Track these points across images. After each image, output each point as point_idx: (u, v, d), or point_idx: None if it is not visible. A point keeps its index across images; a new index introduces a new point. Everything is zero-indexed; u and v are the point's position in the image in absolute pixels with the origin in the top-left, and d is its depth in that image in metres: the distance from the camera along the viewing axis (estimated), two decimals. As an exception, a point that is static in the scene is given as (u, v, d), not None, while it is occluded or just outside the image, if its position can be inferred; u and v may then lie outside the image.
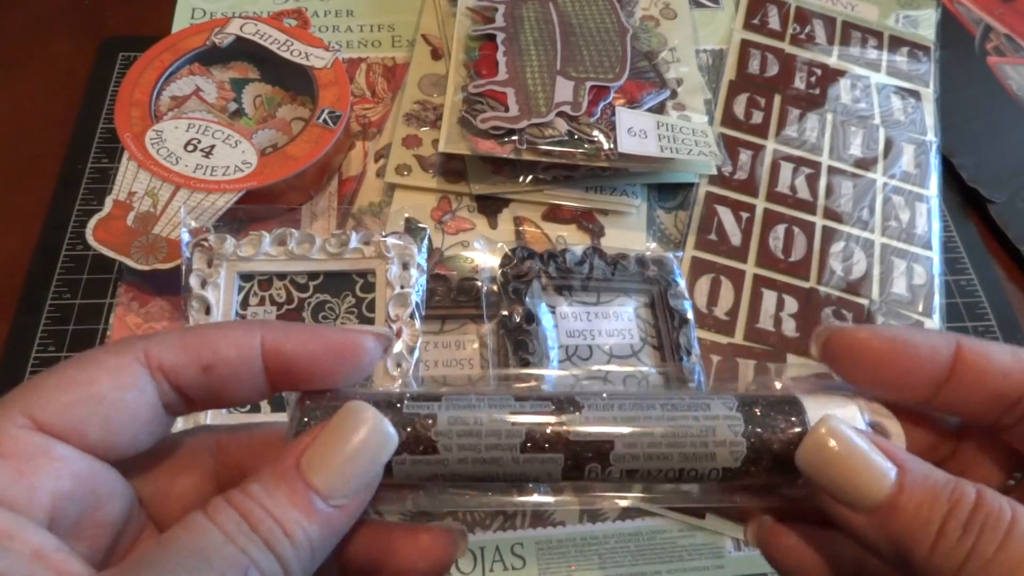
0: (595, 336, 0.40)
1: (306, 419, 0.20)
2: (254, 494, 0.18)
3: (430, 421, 0.20)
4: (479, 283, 0.39)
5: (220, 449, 0.22)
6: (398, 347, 0.35)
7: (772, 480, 0.21)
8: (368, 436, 0.19)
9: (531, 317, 0.38)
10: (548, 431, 0.20)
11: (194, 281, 0.36)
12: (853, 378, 0.22)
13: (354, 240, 0.38)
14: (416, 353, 0.36)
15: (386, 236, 0.38)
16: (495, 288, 0.39)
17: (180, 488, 0.21)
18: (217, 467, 0.22)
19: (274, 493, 0.18)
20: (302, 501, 0.18)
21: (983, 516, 0.18)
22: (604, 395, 0.21)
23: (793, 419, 0.21)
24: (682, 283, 0.41)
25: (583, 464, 0.21)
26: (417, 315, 0.36)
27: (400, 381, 0.35)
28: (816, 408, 0.21)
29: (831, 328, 0.22)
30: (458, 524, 0.22)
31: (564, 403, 0.21)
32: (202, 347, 0.20)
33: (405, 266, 0.37)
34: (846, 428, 0.20)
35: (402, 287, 0.37)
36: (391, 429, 0.20)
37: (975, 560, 0.18)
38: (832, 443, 0.20)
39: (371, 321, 0.37)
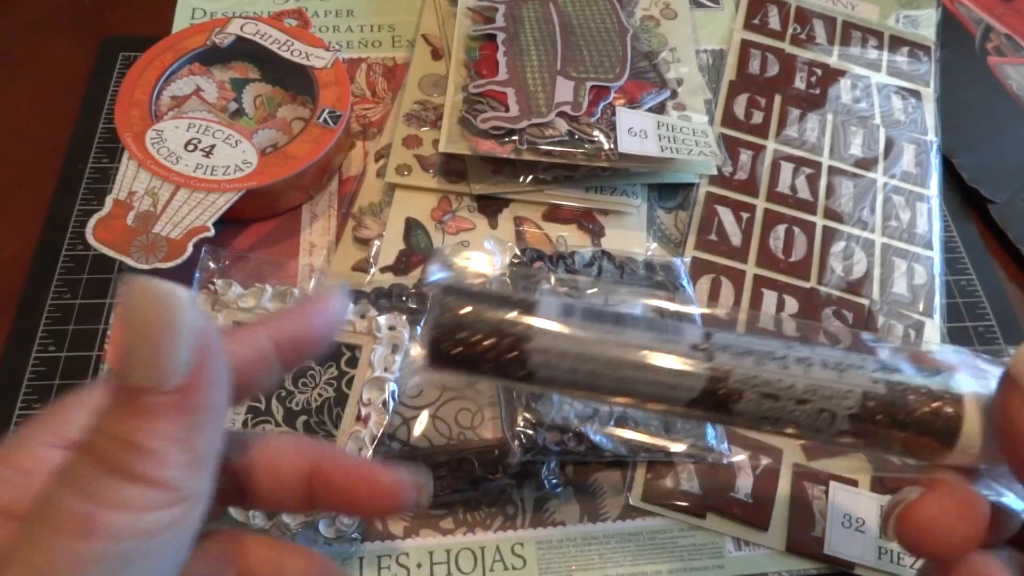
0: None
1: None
2: (97, 430, 0.17)
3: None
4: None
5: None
6: (362, 433, 0.34)
7: (904, 442, 0.21)
8: (146, 306, 0.17)
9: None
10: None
11: None
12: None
13: (350, 311, 0.37)
14: (373, 445, 0.35)
15: (382, 315, 0.36)
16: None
17: None
18: None
19: (111, 411, 0.17)
20: (135, 404, 0.17)
21: None
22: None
23: (941, 384, 0.21)
24: (689, 288, 0.41)
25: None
26: (391, 403, 0.35)
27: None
28: (968, 380, 0.21)
29: (898, 503, 0.21)
30: (423, 475, 0.22)
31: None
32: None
33: (394, 349, 0.36)
34: None
35: (385, 369, 0.36)
36: (171, 285, 0.17)
37: None
38: None
39: (344, 398, 0.35)
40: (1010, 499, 0.21)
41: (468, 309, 0.21)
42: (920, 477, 0.21)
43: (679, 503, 0.37)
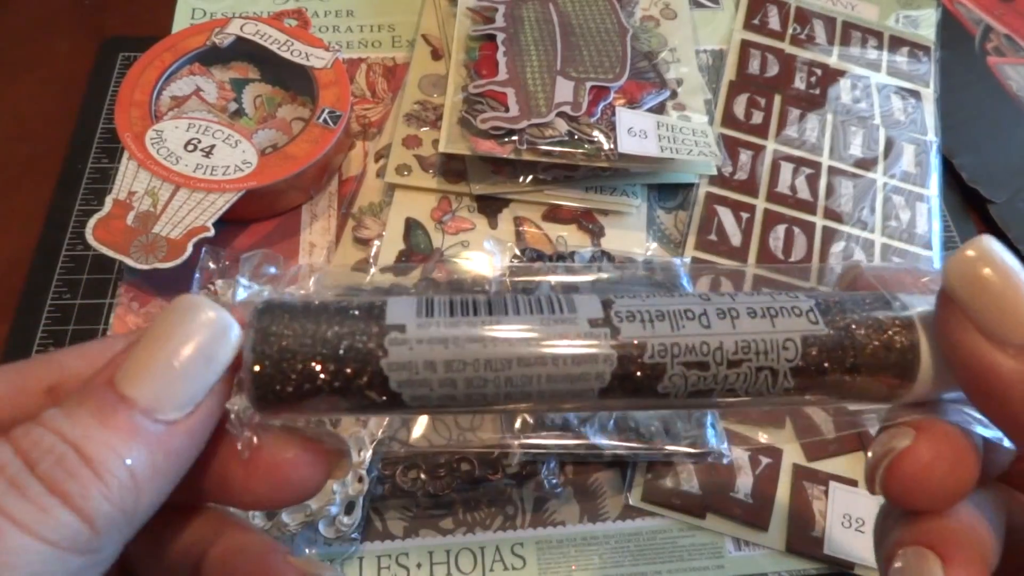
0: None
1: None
2: (48, 420, 0.14)
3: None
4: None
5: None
6: (362, 433, 0.33)
7: (859, 386, 0.18)
8: (199, 333, 0.15)
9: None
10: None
11: None
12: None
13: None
14: (373, 445, 0.33)
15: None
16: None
17: None
18: None
19: (75, 414, 0.14)
20: (114, 418, 0.14)
21: None
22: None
23: (888, 311, 0.18)
24: (689, 288, 0.41)
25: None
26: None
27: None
28: (915, 302, 0.18)
29: (886, 453, 0.18)
30: (341, 439, 0.18)
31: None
32: (42, 365, 0.16)
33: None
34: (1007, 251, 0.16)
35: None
36: (231, 323, 0.16)
37: None
38: (998, 256, 0.16)
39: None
40: (993, 431, 0.18)
41: (293, 331, 0.16)
42: (901, 421, 0.18)
43: (679, 503, 0.37)
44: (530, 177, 0.44)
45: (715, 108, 0.50)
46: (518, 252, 0.40)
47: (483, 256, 0.42)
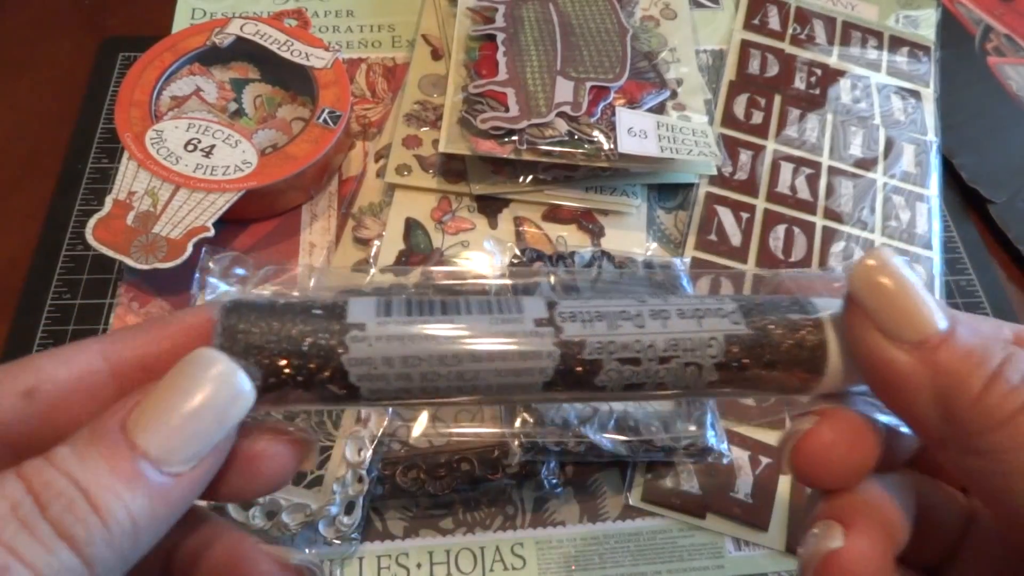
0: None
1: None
2: (58, 460, 0.14)
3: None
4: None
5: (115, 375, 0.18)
6: (362, 433, 0.34)
7: (776, 380, 0.20)
8: (214, 392, 0.16)
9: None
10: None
11: None
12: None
13: None
14: (373, 445, 0.34)
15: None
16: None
17: None
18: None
19: (86, 456, 0.15)
20: (124, 466, 0.15)
21: None
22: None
23: (801, 313, 0.20)
24: (689, 289, 0.41)
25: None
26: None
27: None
28: (825, 304, 0.20)
29: (792, 435, 0.20)
30: (307, 430, 0.19)
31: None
32: (20, 368, 0.17)
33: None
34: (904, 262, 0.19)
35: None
36: (246, 383, 0.17)
37: None
38: (893, 264, 0.18)
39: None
40: (890, 417, 0.20)
41: (260, 328, 0.18)
42: (809, 409, 0.20)
43: (679, 503, 0.37)
44: (530, 177, 0.44)
45: (715, 108, 0.50)
46: (518, 252, 0.40)
47: (483, 256, 0.42)
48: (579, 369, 0.19)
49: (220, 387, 0.16)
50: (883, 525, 0.19)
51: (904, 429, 0.20)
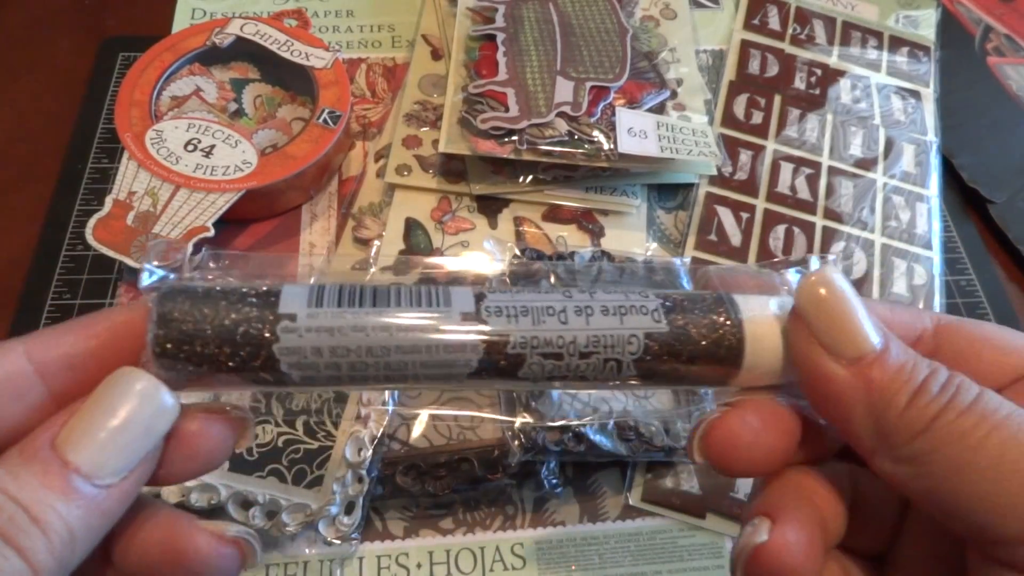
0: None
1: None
2: None
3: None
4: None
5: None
6: (362, 433, 0.34)
7: (695, 374, 0.21)
8: (138, 407, 0.17)
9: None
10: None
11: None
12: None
13: None
14: (373, 445, 0.34)
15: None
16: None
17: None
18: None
19: (20, 475, 0.16)
20: (57, 481, 0.16)
21: (958, 380, 0.18)
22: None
23: (722, 311, 0.20)
24: (689, 289, 0.41)
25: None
26: (391, 403, 0.35)
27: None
28: (747, 302, 0.21)
29: (701, 423, 0.20)
30: (243, 408, 0.20)
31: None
32: None
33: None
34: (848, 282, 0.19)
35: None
36: (168, 399, 0.18)
37: (950, 412, 0.18)
38: (838, 284, 0.19)
39: (343, 398, 0.34)
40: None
41: (194, 316, 0.18)
42: (722, 401, 0.21)
43: (679, 503, 0.37)
44: (530, 177, 0.44)
45: (715, 108, 0.50)
46: (518, 252, 0.40)
47: (483, 256, 0.42)
48: (503, 363, 0.19)
49: (144, 403, 0.17)
50: (812, 516, 0.20)
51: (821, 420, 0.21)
